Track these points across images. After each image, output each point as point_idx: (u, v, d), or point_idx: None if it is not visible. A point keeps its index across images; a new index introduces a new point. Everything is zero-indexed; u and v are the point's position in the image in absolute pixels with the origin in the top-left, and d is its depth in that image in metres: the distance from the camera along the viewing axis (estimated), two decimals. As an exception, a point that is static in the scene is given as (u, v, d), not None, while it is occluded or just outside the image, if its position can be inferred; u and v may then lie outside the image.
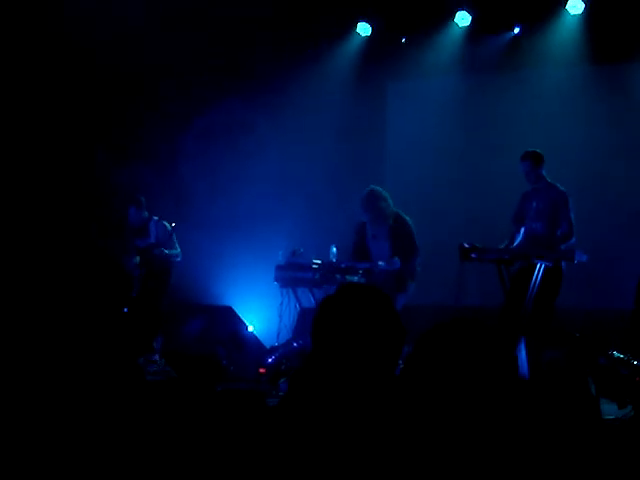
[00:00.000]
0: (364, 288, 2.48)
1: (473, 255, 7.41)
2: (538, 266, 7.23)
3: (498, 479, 2.00)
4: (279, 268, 8.62)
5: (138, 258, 9.19)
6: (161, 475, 2.55)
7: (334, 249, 8.36)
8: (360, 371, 2.30)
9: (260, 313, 10.16)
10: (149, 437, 2.59)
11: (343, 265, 8.32)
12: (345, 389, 2.27)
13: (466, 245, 7.43)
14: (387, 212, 8.27)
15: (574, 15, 9.77)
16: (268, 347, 8.40)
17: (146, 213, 9.21)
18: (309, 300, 8.71)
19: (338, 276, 8.33)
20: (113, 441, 2.50)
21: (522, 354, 7.06)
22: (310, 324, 2.45)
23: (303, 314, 8.64)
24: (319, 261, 8.40)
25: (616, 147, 9.60)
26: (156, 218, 9.18)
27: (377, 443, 2.14)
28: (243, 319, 9.58)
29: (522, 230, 7.88)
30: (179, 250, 9.25)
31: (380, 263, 8.15)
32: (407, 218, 8.34)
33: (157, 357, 8.54)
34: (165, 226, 9.19)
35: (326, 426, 2.21)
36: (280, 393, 7.16)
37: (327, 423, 2.21)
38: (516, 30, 10.16)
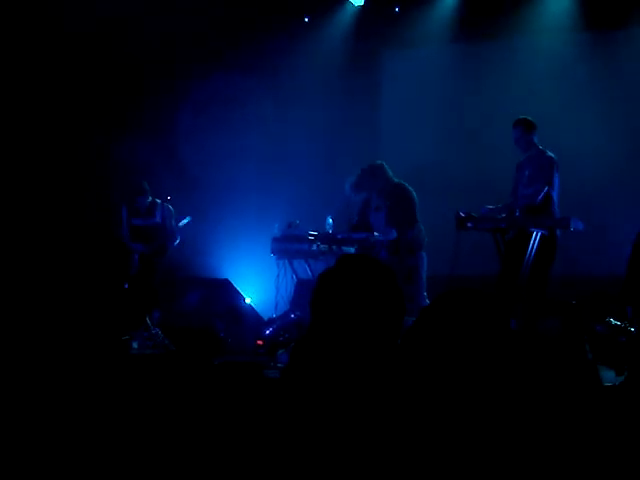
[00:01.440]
0: (363, 259, 2.47)
1: (469, 224, 7.41)
2: (534, 234, 7.24)
3: (498, 446, 2.01)
4: (275, 240, 8.62)
5: (127, 232, 9.18)
6: (160, 448, 2.57)
7: (330, 220, 8.35)
8: (361, 342, 2.31)
9: (257, 285, 10.18)
10: (145, 410, 2.61)
11: (339, 236, 8.31)
12: (346, 360, 2.28)
13: (462, 214, 7.42)
14: (387, 187, 8.27)
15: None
16: (265, 319, 8.43)
17: (150, 197, 9.19)
18: (306, 272, 8.72)
19: (334, 247, 8.33)
20: (100, 414, 2.51)
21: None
22: (307, 295, 2.45)
23: (300, 285, 8.65)
24: (315, 232, 8.40)
25: (610, 113, 9.58)
26: (159, 201, 9.19)
27: (378, 414, 2.15)
28: (240, 291, 9.60)
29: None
30: (178, 236, 9.26)
31: (375, 234, 8.15)
32: (410, 189, 8.29)
33: (158, 330, 8.56)
34: (170, 210, 9.20)
35: (328, 398, 2.21)
36: (278, 365, 7.18)
37: (329, 395, 2.22)
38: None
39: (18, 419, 2.59)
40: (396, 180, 8.33)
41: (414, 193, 8.27)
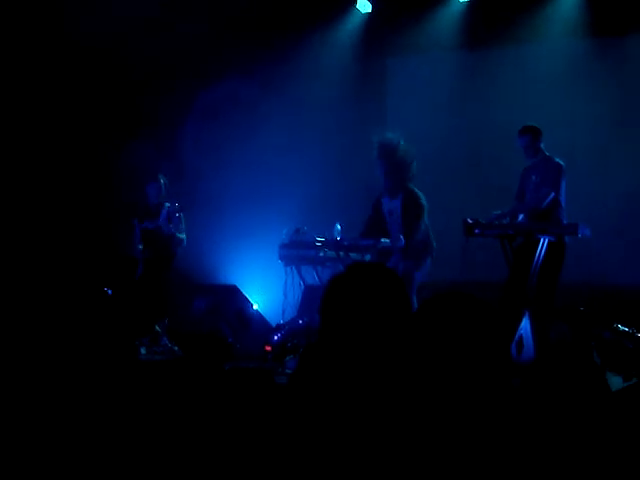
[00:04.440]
0: (372, 267, 2.49)
1: (476, 231, 7.41)
2: (542, 241, 7.24)
3: (506, 452, 2.02)
4: (283, 246, 8.63)
5: (141, 245, 9.20)
6: (170, 453, 2.58)
7: (338, 226, 8.35)
8: (368, 349, 2.32)
9: (265, 292, 10.19)
10: (154, 416, 2.62)
11: (346, 243, 8.31)
12: (354, 367, 2.29)
13: (469, 221, 7.43)
14: (404, 173, 8.22)
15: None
16: (273, 325, 8.43)
17: (164, 193, 9.19)
18: (313, 278, 8.73)
19: (342, 253, 8.33)
20: (109, 420, 2.53)
21: (527, 329, 7.08)
22: (315, 302, 2.47)
23: (308, 292, 8.66)
24: (322, 238, 8.40)
25: (617, 120, 9.58)
26: (168, 204, 9.18)
27: (387, 418, 2.17)
28: (248, 298, 9.61)
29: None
30: (185, 236, 9.24)
31: (383, 240, 8.14)
32: (420, 194, 8.25)
33: (165, 339, 8.58)
34: (176, 211, 9.17)
35: (336, 403, 2.23)
36: (287, 371, 7.19)
37: (337, 400, 2.23)
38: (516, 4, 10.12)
39: (26, 424, 2.61)
40: (410, 186, 8.27)
41: (424, 198, 8.22)
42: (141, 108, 10.43)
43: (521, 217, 7.69)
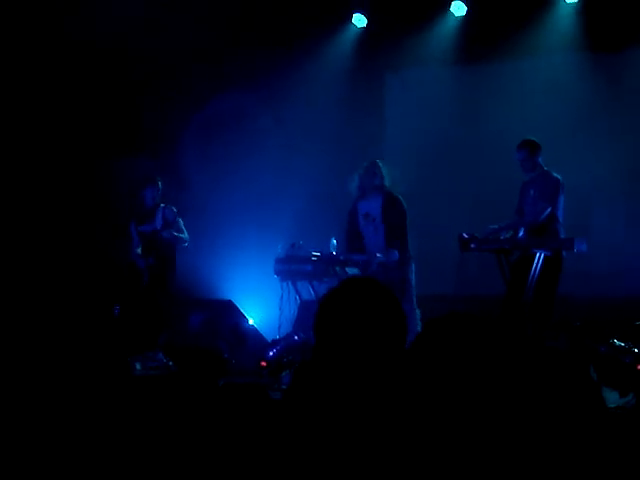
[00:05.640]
0: (366, 282, 2.48)
1: (472, 245, 7.40)
2: (538, 255, 7.23)
3: (502, 467, 2.01)
4: (278, 261, 8.62)
5: (140, 249, 9.13)
6: (164, 469, 2.57)
7: (334, 241, 8.35)
8: (364, 365, 2.31)
9: (260, 307, 10.17)
10: (149, 431, 2.61)
11: (342, 257, 8.31)
12: (349, 383, 2.28)
13: (465, 236, 7.42)
14: (382, 181, 8.25)
15: (570, 3, 9.80)
16: (269, 340, 8.41)
17: (159, 197, 9.14)
18: (309, 293, 8.71)
19: (337, 268, 8.32)
20: (103, 434, 2.51)
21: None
22: (311, 317, 2.45)
23: (303, 307, 8.65)
24: (318, 253, 8.40)
25: (614, 134, 9.60)
26: (162, 205, 9.12)
27: (381, 435, 2.15)
28: (244, 313, 9.59)
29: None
30: (187, 235, 9.17)
31: (378, 255, 8.13)
32: (400, 197, 8.27)
33: (160, 354, 8.54)
34: (172, 211, 9.11)
35: (331, 419, 2.21)
36: (282, 386, 7.17)
37: (332, 416, 2.22)
38: (512, 19, 10.15)
39: (22, 436, 2.59)
40: (394, 193, 8.30)
41: (404, 202, 8.26)
42: (135, 122, 10.44)
43: (522, 232, 7.69)
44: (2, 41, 9.47)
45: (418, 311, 7.86)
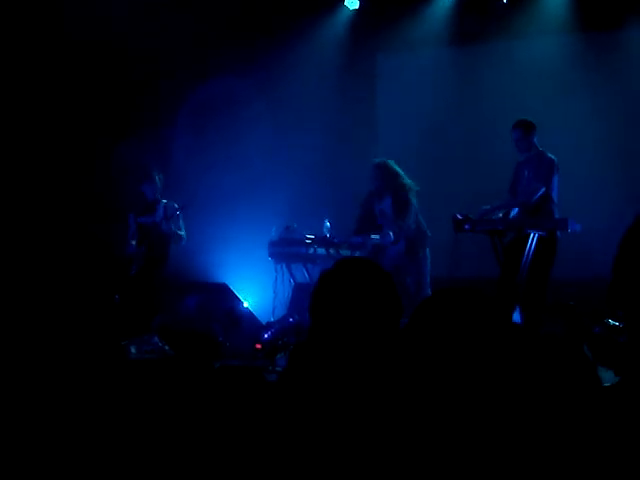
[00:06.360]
0: (361, 262, 2.48)
1: (466, 226, 7.40)
2: (532, 236, 7.23)
3: (497, 446, 2.01)
4: (273, 244, 8.63)
5: (135, 241, 9.13)
6: (160, 453, 2.56)
7: (327, 223, 8.36)
8: (359, 346, 2.31)
9: (255, 289, 10.17)
10: (144, 414, 2.60)
11: (336, 240, 8.32)
12: (344, 364, 2.28)
13: (459, 216, 7.42)
14: (386, 182, 8.26)
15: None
16: (264, 323, 8.41)
17: (160, 190, 9.13)
18: (303, 275, 8.72)
19: (332, 251, 8.33)
20: (99, 422, 2.51)
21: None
22: (305, 299, 2.46)
23: (298, 289, 8.65)
24: (312, 236, 8.40)
25: (610, 115, 9.59)
26: (165, 201, 9.13)
27: (378, 416, 2.15)
28: (238, 295, 9.58)
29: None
30: (184, 233, 9.19)
31: (373, 237, 8.14)
32: (409, 196, 8.27)
33: (155, 338, 8.53)
34: (174, 207, 9.11)
35: (326, 401, 2.21)
36: (277, 368, 7.18)
37: (327, 398, 2.22)
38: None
39: (15, 423, 2.58)
40: (400, 180, 8.31)
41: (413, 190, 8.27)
42: (132, 107, 10.41)
43: (515, 212, 7.69)
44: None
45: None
